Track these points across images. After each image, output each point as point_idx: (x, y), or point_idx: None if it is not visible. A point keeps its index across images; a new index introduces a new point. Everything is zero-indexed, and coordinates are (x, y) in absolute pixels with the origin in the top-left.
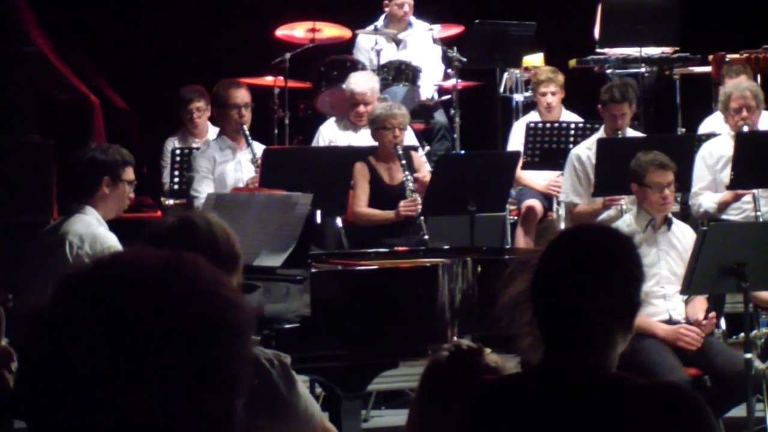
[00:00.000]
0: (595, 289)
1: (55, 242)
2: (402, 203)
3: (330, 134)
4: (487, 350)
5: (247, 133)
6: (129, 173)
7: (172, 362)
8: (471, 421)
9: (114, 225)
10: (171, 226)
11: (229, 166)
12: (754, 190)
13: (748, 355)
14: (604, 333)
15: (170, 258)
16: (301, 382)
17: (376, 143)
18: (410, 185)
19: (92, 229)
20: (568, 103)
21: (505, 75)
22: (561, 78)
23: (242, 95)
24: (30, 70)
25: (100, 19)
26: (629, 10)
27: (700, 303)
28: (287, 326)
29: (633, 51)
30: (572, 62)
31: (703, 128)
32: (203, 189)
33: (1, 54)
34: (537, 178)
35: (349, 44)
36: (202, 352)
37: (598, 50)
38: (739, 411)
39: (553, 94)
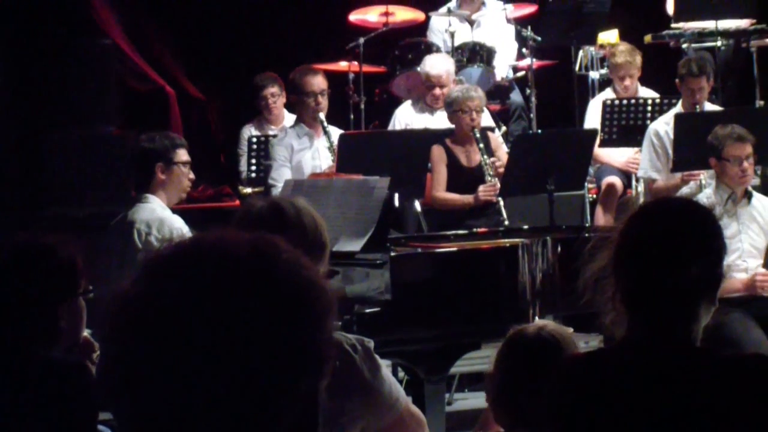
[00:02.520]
0: (678, 261)
1: (123, 232)
2: (481, 188)
3: (406, 117)
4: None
5: (324, 120)
6: (181, 155)
7: (256, 344)
8: (558, 397)
9: (193, 214)
10: (260, 210)
11: (306, 154)
12: None
13: None
14: (688, 306)
15: (253, 240)
16: (385, 367)
17: (452, 125)
18: (489, 169)
19: (157, 215)
20: (644, 78)
21: (580, 53)
22: (639, 59)
23: (318, 82)
24: (107, 62)
25: (174, 8)
26: None
27: None
28: (368, 311)
29: (709, 24)
30: (647, 38)
31: None
32: (281, 177)
33: (79, 46)
34: (615, 155)
35: (422, 27)
36: (285, 334)
37: (673, 25)
38: None
39: (631, 77)
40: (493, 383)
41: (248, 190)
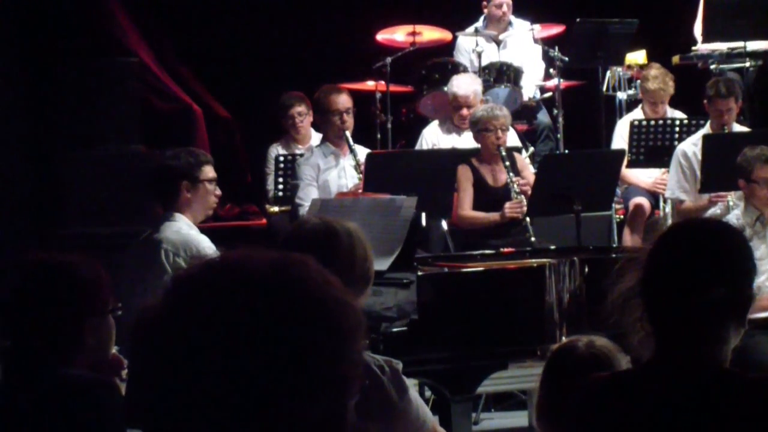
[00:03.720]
0: (708, 282)
1: (149, 251)
2: (507, 205)
3: (433, 137)
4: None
5: (350, 138)
6: (207, 172)
7: (284, 363)
8: (583, 418)
9: (220, 233)
10: (313, 230)
11: (332, 173)
12: None
13: None
14: (717, 327)
15: (280, 259)
16: (412, 387)
17: (478, 145)
18: (515, 186)
19: (183, 235)
20: (672, 99)
21: (608, 73)
22: (671, 85)
23: (343, 100)
24: (132, 80)
25: (200, 27)
26: (733, 4)
27: None
28: (395, 330)
29: (737, 45)
30: (675, 59)
31: None
32: (308, 196)
33: (103, 65)
34: (643, 176)
35: (449, 46)
36: (313, 353)
37: (701, 45)
38: None
39: (662, 103)
40: (540, 400)
41: (275, 209)
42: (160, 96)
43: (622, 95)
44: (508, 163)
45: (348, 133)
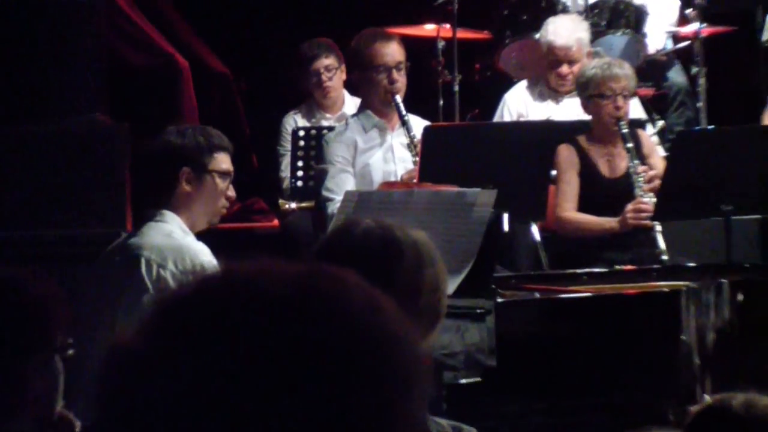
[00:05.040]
0: None
1: (126, 262)
2: (629, 207)
3: (519, 105)
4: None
5: (401, 105)
6: (220, 161)
7: (312, 426)
8: None
9: (211, 238)
10: (364, 238)
11: (376, 154)
12: None
13: None
14: None
15: (307, 274)
16: None
17: (587, 117)
18: (640, 178)
19: (175, 241)
20: None
21: None
22: None
23: (393, 52)
24: (94, 23)
25: None
26: None
27: None
28: (465, 381)
29: None
30: None
31: None
32: (339, 187)
33: (51, 3)
34: None
35: None
36: (353, 413)
37: None
38: None
39: None
40: None
41: (292, 205)
42: (133, 45)
43: None
44: (630, 145)
45: (399, 98)
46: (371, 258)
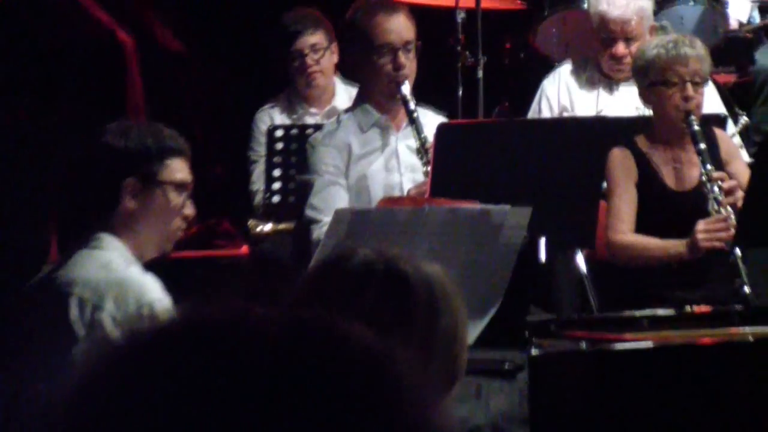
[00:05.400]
0: None
1: (50, 302)
2: (702, 227)
3: (562, 95)
4: None
5: (410, 98)
6: (174, 169)
7: None
8: None
9: (163, 270)
10: (361, 273)
11: (376, 161)
12: None
13: None
14: None
15: (289, 325)
16: None
17: (647, 111)
18: (716, 190)
19: (115, 273)
20: None
21: None
22: None
23: (399, 27)
24: None
25: None
26: None
27: None
28: None
29: None
30: None
31: None
32: (328, 204)
33: None
34: None
35: None
36: None
37: None
38: None
39: None
40: None
41: (266, 227)
42: (65, 20)
43: None
44: (703, 147)
45: (406, 88)
46: (371, 300)
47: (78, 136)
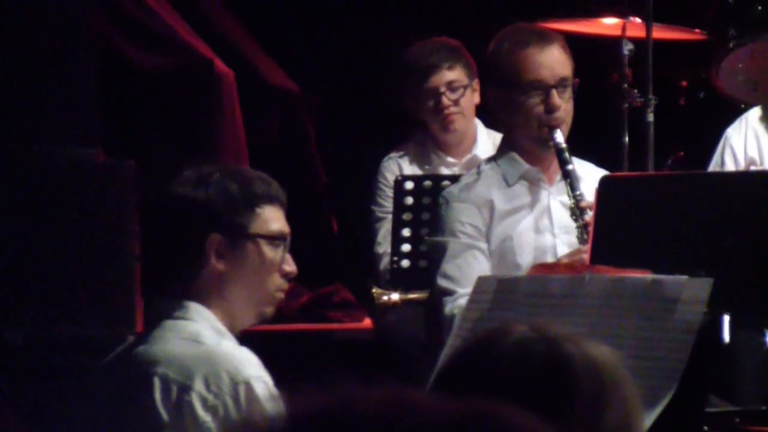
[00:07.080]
0: None
1: (131, 382)
2: None
3: (750, 145)
4: None
5: (565, 146)
6: (267, 219)
7: None
8: None
9: (265, 344)
10: (519, 355)
11: (524, 220)
12: None
13: None
14: None
15: (451, 411)
16: None
17: None
18: None
19: (204, 347)
20: None
21: None
22: None
23: (553, 62)
24: (80, 12)
25: None
26: None
27: None
28: None
29: None
30: None
31: None
32: (465, 273)
33: None
34: None
35: None
36: None
37: None
38: None
39: None
40: None
41: (394, 296)
42: (142, 38)
43: None
44: None
45: (561, 135)
46: (528, 387)
47: (162, 182)
